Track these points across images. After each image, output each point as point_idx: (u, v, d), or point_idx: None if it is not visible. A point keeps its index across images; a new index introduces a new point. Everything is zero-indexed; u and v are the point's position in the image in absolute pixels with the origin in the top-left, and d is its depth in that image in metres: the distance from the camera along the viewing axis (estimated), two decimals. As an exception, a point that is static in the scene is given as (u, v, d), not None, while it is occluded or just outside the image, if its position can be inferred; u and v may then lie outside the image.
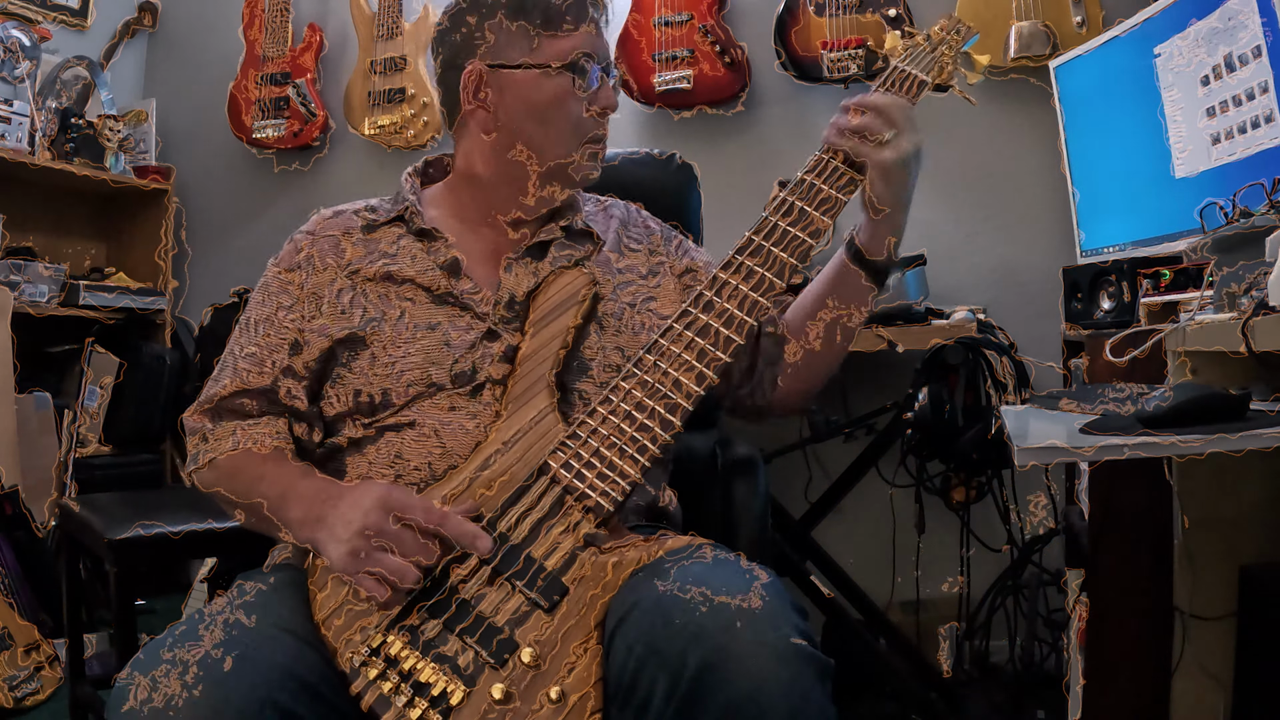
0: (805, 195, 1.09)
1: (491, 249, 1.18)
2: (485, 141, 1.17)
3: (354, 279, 1.14)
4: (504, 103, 1.14)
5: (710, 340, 1.02)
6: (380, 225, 1.18)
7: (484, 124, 1.16)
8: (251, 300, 1.18)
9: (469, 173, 1.20)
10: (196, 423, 1.15)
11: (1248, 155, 1.58)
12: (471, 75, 1.14)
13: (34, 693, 2.11)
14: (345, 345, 1.12)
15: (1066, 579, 1.91)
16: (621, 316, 1.18)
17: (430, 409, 1.09)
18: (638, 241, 1.26)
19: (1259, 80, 1.54)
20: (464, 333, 1.11)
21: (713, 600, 0.84)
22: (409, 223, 1.17)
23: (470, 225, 1.20)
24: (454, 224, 1.19)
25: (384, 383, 1.09)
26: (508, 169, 1.17)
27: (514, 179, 1.17)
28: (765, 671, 0.80)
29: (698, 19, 2.63)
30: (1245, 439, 0.88)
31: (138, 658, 0.86)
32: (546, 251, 1.18)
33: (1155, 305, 1.53)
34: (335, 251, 1.16)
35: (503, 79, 1.14)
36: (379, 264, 1.14)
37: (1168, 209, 1.81)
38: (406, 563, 0.92)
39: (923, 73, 1.15)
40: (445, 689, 0.88)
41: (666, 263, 1.26)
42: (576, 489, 0.98)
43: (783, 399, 1.24)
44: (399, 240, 1.17)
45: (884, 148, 1.07)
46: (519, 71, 1.13)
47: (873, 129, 1.07)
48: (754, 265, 1.05)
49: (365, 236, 1.17)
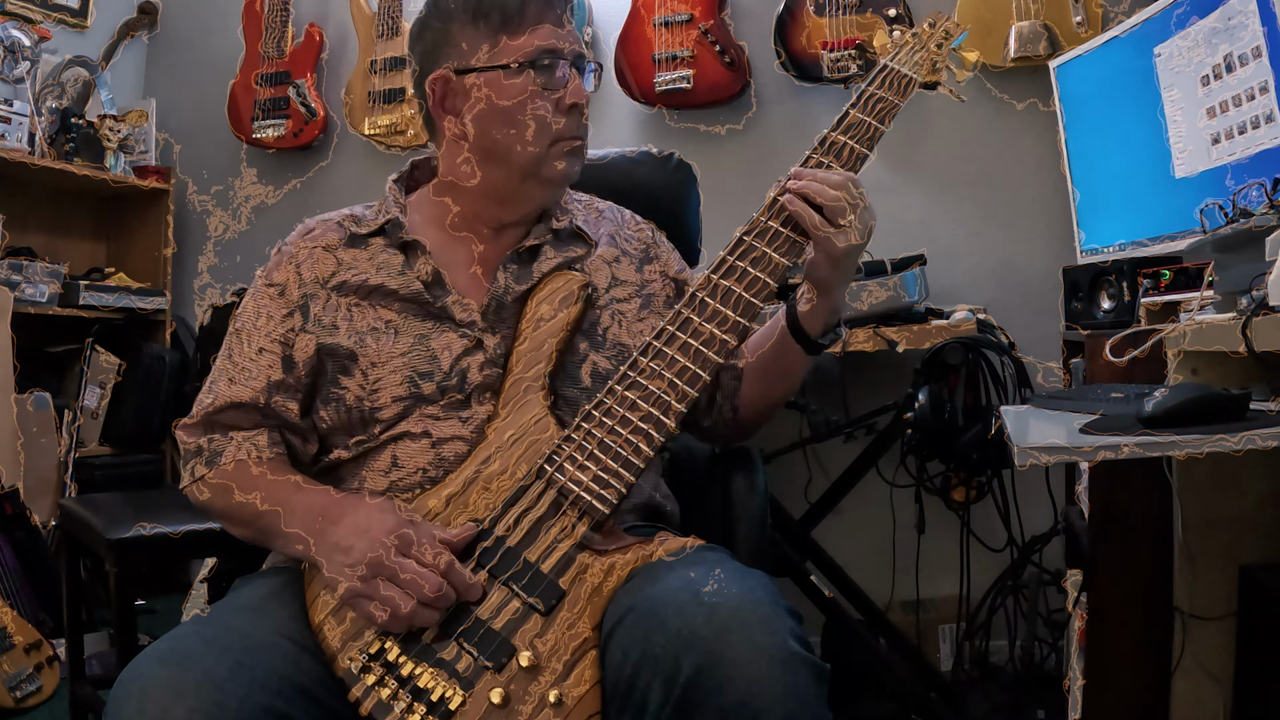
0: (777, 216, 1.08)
1: (476, 257, 1.18)
2: (459, 148, 1.16)
3: (338, 293, 1.13)
4: (470, 108, 1.13)
5: (704, 341, 1.02)
6: (363, 238, 1.17)
7: (455, 130, 1.16)
8: (241, 310, 1.17)
9: (449, 181, 1.20)
10: (189, 437, 1.13)
11: (1248, 155, 1.58)
12: (437, 83, 1.14)
13: (34, 693, 2.11)
14: (333, 359, 1.11)
15: (1067, 579, 1.91)
16: (613, 321, 1.18)
17: (420, 419, 1.08)
18: (630, 244, 1.26)
19: (1259, 80, 1.54)
20: (450, 345, 1.11)
21: (707, 604, 0.83)
22: (391, 235, 1.16)
23: (453, 233, 1.19)
24: (436, 233, 1.18)
25: (372, 399, 1.08)
26: (483, 175, 1.16)
27: (491, 184, 1.16)
28: (760, 677, 0.80)
29: (698, 19, 2.63)
30: (1245, 439, 0.88)
31: (133, 665, 0.86)
32: (537, 256, 1.18)
33: (1155, 305, 1.53)
34: (319, 265, 1.15)
35: (468, 84, 1.13)
36: (362, 279, 1.13)
37: (1168, 209, 1.81)
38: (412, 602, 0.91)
39: (912, 71, 1.15)
40: (444, 694, 0.88)
41: (659, 264, 1.26)
42: (572, 492, 0.97)
43: (741, 427, 1.26)
44: (382, 253, 1.15)
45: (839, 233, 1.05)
46: (481, 74, 1.12)
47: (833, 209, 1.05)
48: (746, 266, 1.05)
49: (349, 249, 1.16)
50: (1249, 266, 1.07)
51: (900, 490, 2.35)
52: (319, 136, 3.05)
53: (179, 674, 0.83)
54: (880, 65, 1.16)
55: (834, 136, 1.11)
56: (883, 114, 1.12)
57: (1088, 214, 2.11)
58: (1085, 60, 2.06)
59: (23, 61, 2.74)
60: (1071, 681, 1.71)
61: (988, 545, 2.25)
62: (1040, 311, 2.46)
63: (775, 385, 1.21)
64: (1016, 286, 2.51)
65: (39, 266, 2.79)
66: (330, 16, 3.14)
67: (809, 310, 1.13)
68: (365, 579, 0.92)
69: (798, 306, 1.14)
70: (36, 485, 2.62)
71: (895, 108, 1.13)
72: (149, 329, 3.11)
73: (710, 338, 1.02)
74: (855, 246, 1.07)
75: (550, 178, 1.16)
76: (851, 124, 1.12)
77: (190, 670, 0.83)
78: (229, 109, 3.09)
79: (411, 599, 0.91)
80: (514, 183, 1.16)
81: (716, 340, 1.02)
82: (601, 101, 2.85)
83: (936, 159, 2.57)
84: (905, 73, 1.15)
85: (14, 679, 2.08)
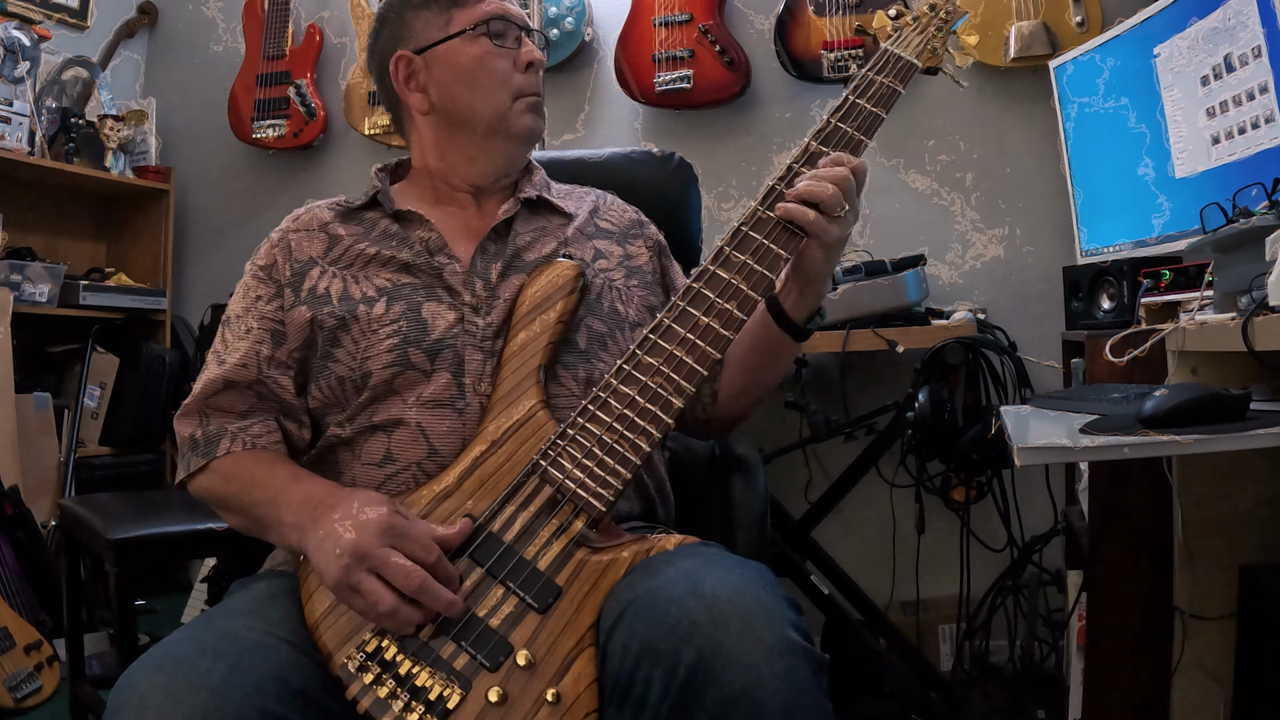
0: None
1: (465, 225, 1.20)
2: (426, 122, 1.21)
3: (332, 264, 1.15)
4: (433, 78, 1.19)
5: (701, 335, 1.01)
6: (356, 211, 1.20)
7: (420, 105, 1.21)
8: (232, 299, 1.18)
9: (423, 163, 1.24)
10: (184, 429, 1.13)
11: (1248, 155, 1.58)
12: (399, 63, 1.20)
13: (34, 693, 2.11)
14: (324, 329, 1.11)
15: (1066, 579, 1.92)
16: (605, 287, 1.18)
17: (415, 407, 1.08)
18: (612, 220, 1.28)
19: (1259, 80, 1.54)
20: (442, 312, 1.11)
21: (706, 596, 0.83)
22: (383, 206, 1.20)
23: (439, 205, 1.22)
24: (425, 207, 1.21)
25: (364, 365, 1.08)
26: (452, 141, 1.21)
27: (460, 148, 1.21)
28: (760, 667, 0.80)
29: (698, 19, 2.63)
30: (1245, 439, 0.88)
31: (128, 673, 0.85)
32: (510, 228, 1.19)
33: (1155, 305, 1.53)
34: (311, 240, 1.17)
35: (427, 59, 1.19)
36: (357, 246, 1.16)
37: (1168, 209, 1.81)
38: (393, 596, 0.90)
39: (913, 55, 1.14)
40: (442, 692, 0.88)
41: (643, 242, 1.27)
42: (569, 489, 0.97)
43: (720, 418, 1.24)
44: (379, 222, 1.19)
45: (834, 223, 1.05)
46: (440, 46, 1.18)
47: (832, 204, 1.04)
48: (745, 258, 1.04)
49: (342, 223, 1.19)
50: (1249, 266, 1.07)
51: (900, 490, 2.35)
52: (319, 136, 3.05)
53: (174, 680, 0.82)
54: (880, 50, 1.14)
55: (834, 123, 1.10)
56: (882, 100, 1.10)
57: (1088, 214, 2.11)
58: (1085, 60, 2.06)
59: (23, 61, 2.73)
60: (1071, 681, 1.71)
61: (988, 545, 2.25)
62: (1040, 311, 2.47)
63: (760, 375, 1.21)
64: (1016, 286, 2.52)
65: (39, 266, 2.79)
66: (330, 16, 3.14)
67: (796, 298, 1.12)
68: (349, 568, 0.91)
69: (779, 295, 1.14)
70: (36, 485, 2.62)
71: (895, 94, 1.11)
72: (149, 329, 3.11)
73: (707, 330, 1.02)
74: (848, 233, 1.08)
75: (517, 132, 1.20)
76: (850, 111, 1.10)
77: (186, 676, 0.83)
78: (229, 109, 3.09)
79: (393, 594, 0.90)
80: (480, 140, 1.20)
81: (713, 333, 1.01)
82: (601, 101, 2.85)
83: (936, 159, 2.57)
84: (905, 58, 1.13)
85: (14, 679, 2.08)
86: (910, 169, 2.60)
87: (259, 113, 3.05)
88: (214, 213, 3.30)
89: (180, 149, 3.31)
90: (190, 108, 3.30)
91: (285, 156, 3.14)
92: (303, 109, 3.03)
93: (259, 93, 3.05)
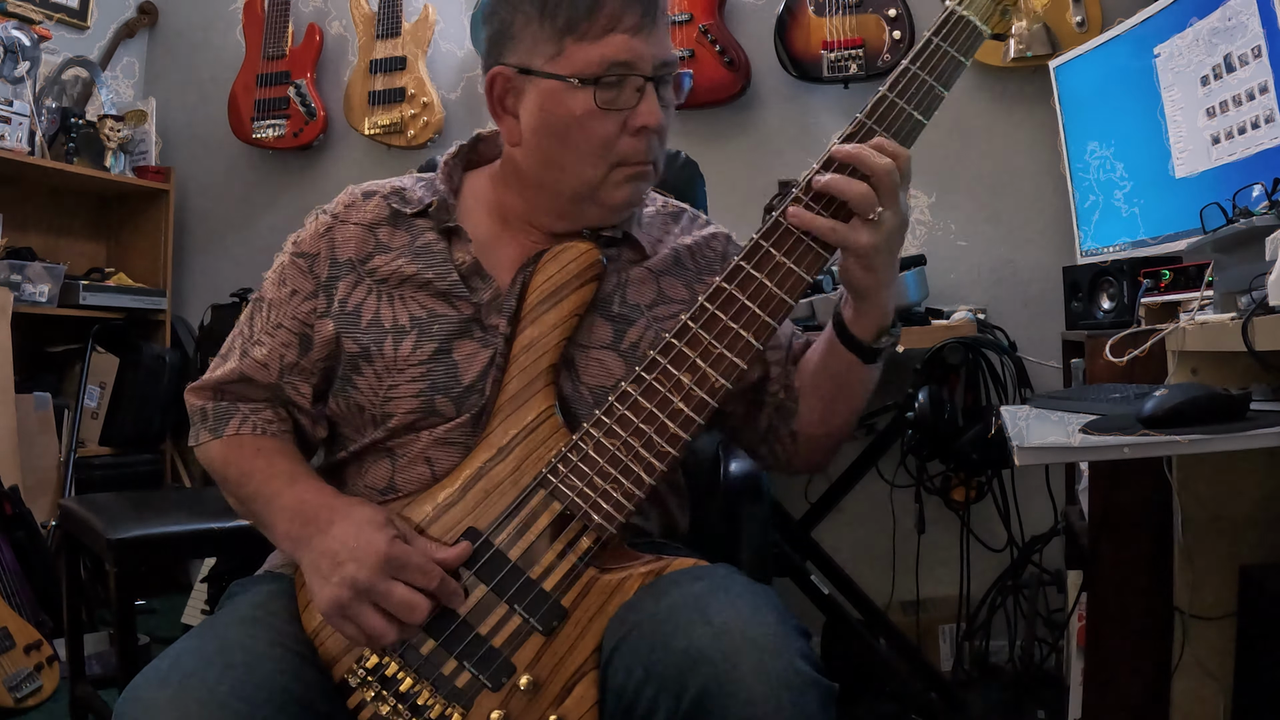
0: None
1: (524, 253, 1.06)
2: (514, 153, 1.06)
3: (369, 274, 1.06)
4: (527, 112, 1.02)
5: (727, 343, 0.93)
6: (407, 217, 1.08)
7: (511, 136, 1.05)
8: (269, 276, 1.11)
9: (510, 171, 1.09)
10: (196, 400, 1.10)
11: (1248, 155, 1.58)
12: (496, 79, 1.03)
13: (34, 693, 2.11)
14: (347, 354, 1.05)
15: (1066, 579, 1.91)
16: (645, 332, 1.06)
17: (429, 442, 1.02)
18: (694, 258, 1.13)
19: (1259, 80, 1.54)
20: (476, 351, 1.02)
21: (714, 624, 0.81)
22: (435, 218, 1.07)
23: (506, 226, 1.08)
24: (488, 222, 1.09)
25: (386, 405, 1.02)
26: (539, 189, 1.06)
27: (546, 200, 1.06)
28: (767, 699, 0.78)
29: (698, 19, 2.63)
30: (1245, 439, 0.88)
31: (133, 687, 0.84)
32: None
33: (1155, 305, 1.53)
34: (355, 243, 1.07)
35: (527, 86, 1.01)
36: (396, 265, 1.05)
37: (1168, 209, 1.81)
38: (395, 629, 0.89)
39: (980, 19, 0.97)
40: (442, 711, 0.88)
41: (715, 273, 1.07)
42: (579, 508, 0.92)
43: (805, 455, 1.13)
44: (424, 234, 1.07)
45: (863, 229, 0.92)
46: (541, 80, 0.99)
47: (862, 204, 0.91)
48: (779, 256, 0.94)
49: (388, 228, 1.08)
50: (1249, 266, 1.07)
51: (900, 490, 2.35)
52: (319, 136, 3.05)
53: (182, 693, 0.81)
54: (946, 11, 0.97)
55: (890, 98, 0.95)
56: (945, 74, 0.95)
57: (1088, 214, 2.11)
58: (1085, 60, 2.06)
59: (23, 61, 2.73)
60: (1071, 681, 1.71)
61: (988, 545, 2.25)
62: (1040, 311, 2.46)
63: (835, 404, 1.07)
64: (1016, 286, 2.52)
65: (39, 266, 2.79)
66: (330, 16, 3.14)
67: (855, 316, 1.00)
68: (346, 603, 0.89)
69: (843, 311, 1.01)
70: (36, 485, 2.62)
71: (960, 66, 0.95)
72: (149, 329, 3.11)
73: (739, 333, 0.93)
74: (890, 239, 0.93)
75: (609, 204, 1.04)
76: (909, 84, 0.94)
77: (193, 689, 0.82)
78: (229, 109, 3.09)
79: (395, 626, 0.89)
80: (565, 202, 1.05)
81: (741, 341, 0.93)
82: (601, 101, 2.85)
83: (936, 159, 2.57)
84: (974, 21, 0.96)
85: (14, 679, 2.08)
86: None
87: (259, 113, 3.04)
88: (214, 213, 3.29)
89: (180, 149, 3.31)
90: (190, 108, 3.29)
91: (285, 156, 3.14)
92: (303, 109, 3.02)
93: (259, 93, 3.05)
